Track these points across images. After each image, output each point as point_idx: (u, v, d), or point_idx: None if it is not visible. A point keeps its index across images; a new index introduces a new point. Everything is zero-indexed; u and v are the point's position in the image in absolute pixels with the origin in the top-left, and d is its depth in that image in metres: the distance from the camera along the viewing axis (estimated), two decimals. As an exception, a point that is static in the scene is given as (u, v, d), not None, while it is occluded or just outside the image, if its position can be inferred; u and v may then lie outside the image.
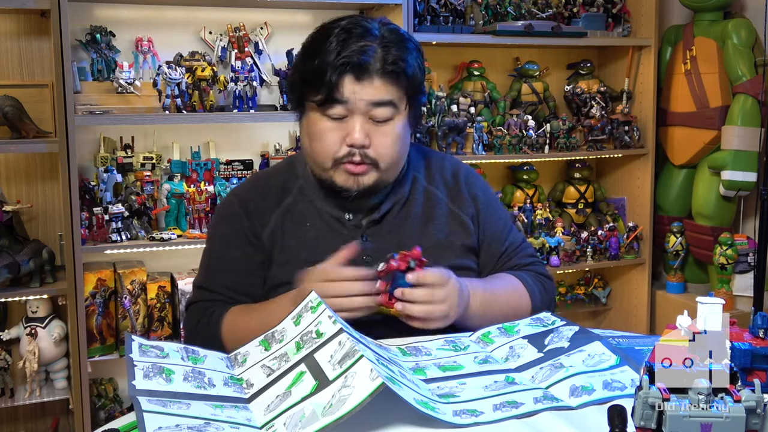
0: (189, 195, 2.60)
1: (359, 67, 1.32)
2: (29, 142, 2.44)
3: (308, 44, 1.42)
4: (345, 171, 1.37)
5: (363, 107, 1.34)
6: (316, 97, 1.35)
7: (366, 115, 1.35)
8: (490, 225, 1.52)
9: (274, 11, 2.85)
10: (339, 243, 1.35)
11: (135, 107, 2.56)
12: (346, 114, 1.35)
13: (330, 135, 1.35)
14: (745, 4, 3.22)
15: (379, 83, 1.34)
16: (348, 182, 1.38)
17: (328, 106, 1.34)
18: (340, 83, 1.32)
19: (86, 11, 2.62)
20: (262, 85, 2.77)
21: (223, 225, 1.50)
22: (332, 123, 1.35)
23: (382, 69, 1.33)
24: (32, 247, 2.44)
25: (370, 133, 1.35)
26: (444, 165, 1.56)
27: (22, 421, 2.69)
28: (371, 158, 1.36)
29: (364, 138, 1.34)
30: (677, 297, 3.30)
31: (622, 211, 3.43)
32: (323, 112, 1.35)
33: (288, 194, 1.47)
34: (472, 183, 1.55)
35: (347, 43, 1.33)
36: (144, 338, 1.09)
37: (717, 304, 0.81)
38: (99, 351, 2.54)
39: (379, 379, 0.89)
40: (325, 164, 1.38)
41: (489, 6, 3.04)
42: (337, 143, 1.35)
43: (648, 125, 3.29)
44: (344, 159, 1.36)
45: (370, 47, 1.34)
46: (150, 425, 0.86)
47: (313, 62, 1.35)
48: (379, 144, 1.36)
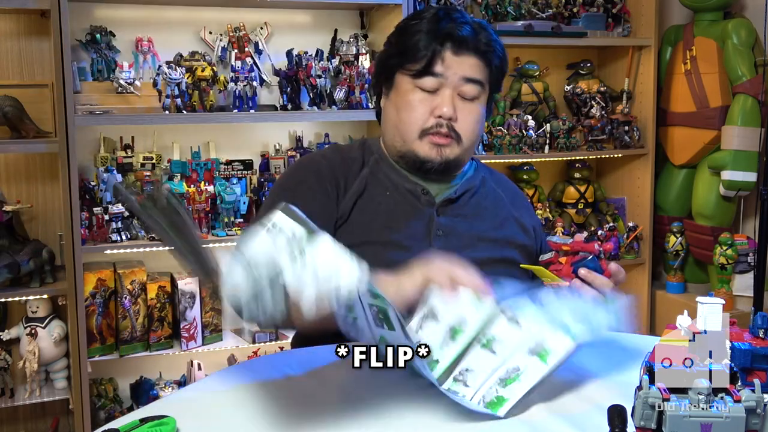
0: (189, 195, 2.60)
1: (460, 40, 1.41)
2: (29, 142, 2.44)
3: (405, 22, 1.50)
4: (430, 142, 1.44)
5: (455, 81, 1.42)
6: (413, 67, 1.42)
7: (455, 90, 1.43)
8: (540, 234, 1.61)
9: (274, 11, 2.85)
10: (415, 214, 1.45)
11: (135, 107, 2.56)
12: (438, 87, 1.42)
13: (420, 106, 1.43)
14: (745, 4, 3.22)
15: (474, 61, 1.43)
16: (431, 153, 1.44)
17: (423, 77, 1.42)
18: (438, 55, 1.41)
19: (86, 11, 2.62)
20: (262, 85, 2.77)
21: (306, 176, 1.49)
22: (423, 95, 1.43)
23: (477, 47, 1.42)
24: (32, 247, 2.45)
25: (457, 108, 1.43)
26: (503, 178, 1.67)
27: (22, 421, 2.69)
28: (456, 132, 1.44)
29: (453, 110, 1.42)
30: (677, 297, 3.30)
31: (622, 211, 3.43)
32: (416, 83, 1.43)
33: (366, 166, 1.52)
34: (532, 213, 1.66)
35: (447, 19, 1.42)
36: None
37: (717, 304, 0.81)
38: (99, 351, 2.54)
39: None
40: (412, 134, 1.44)
41: (489, 6, 3.04)
42: (426, 114, 1.43)
43: (648, 125, 3.29)
44: (431, 130, 1.43)
45: (469, 24, 1.43)
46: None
47: (412, 36, 1.43)
48: (464, 120, 1.44)
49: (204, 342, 2.67)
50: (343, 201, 1.45)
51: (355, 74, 2.75)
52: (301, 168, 1.54)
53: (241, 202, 2.66)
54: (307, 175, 1.49)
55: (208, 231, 2.61)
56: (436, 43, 1.40)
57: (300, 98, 2.74)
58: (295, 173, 1.54)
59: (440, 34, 1.41)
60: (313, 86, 2.72)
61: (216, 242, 2.57)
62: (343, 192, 1.46)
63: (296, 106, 2.72)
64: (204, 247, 1.03)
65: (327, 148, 1.63)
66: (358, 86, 2.74)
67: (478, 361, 1.08)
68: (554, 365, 1.02)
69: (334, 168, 1.49)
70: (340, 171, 1.49)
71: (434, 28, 1.41)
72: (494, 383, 1.03)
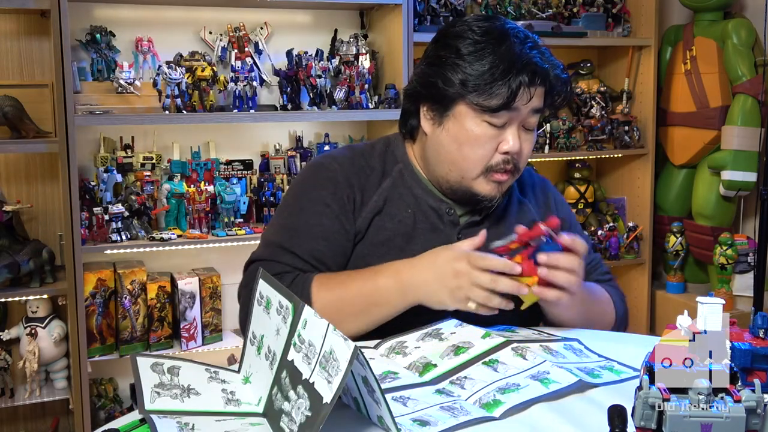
0: (189, 195, 2.60)
1: (538, 72, 1.28)
2: (29, 142, 2.44)
3: (474, 44, 1.30)
4: (492, 180, 1.33)
5: (525, 114, 1.31)
6: (487, 103, 1.27)
7: (522, 123, 1.32)
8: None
9: (274, 11, 2.85)
10: (435, 235, 1.36)
11: (135, 107, 2.56)
12: (507, 121, 1.30)
13: (489, 143, 1.31)
14: (745, 4, 3.22)
15: (541, 90, 1.31)
16: (492, 191, 1.35)
17: (496, 114, 1.28)
18: (519, 91, 1.26)
19: (86, 11, 2.62)
20: (262, 85, 2.77)
21: (321, 188, 1.38)
22: (492, 130, 1.30)
23: (549, 77, 1.30)
24: (32, 247, 2.44)
25: (520, 139, 1.32)
26: (533, 179, 1.56)
27: (22, 421, 2.69)
28: (517, 165, 1.34)
29: (520, 145, 1.32)
30: (677, 297, 3.30)
31: (622, 211, 3.43)
32: (484, 118, 1.29)
33: (387, 177, 1.41)
34: (559, 202, 1.56)
35: (524, 48, 1.29)
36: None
37: (717, 304, 0.81)
38: (99, 351, 2.53)
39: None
40: (474, 172, 1.33)
41: (489, 6, 3.04)
42: (492, 150, 1.31)
43: (648, 125, 3.29)
44: (496, 167, 1.32)
45: (543, 53, 1.31)
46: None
47: (483, 63, 1.27)
48: (525, 151, 1.34)
49: (204, 342, 2.67)
50: (360, 217, 1.37)
51: (355, 74, 2.75)
52: (318, 179, 1.40)
53: (241, 202, 2.66)
54: (324, 190, 1.38)
55: (208, 231, 2.61)
56: (515, 77, 1.26)
57: (300, 98, 2.74)
58: (311, 185, 1.41)
59: (519, 66, 1.26)
60: (313, 86, 2.72)
61: (216, 242, 2.57)
62: (360, 206, 1.38)
63: (296, 106, 2.72)
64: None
65: (344, 152, 1.46)
66: (358, 86, 2.74)
67: (478, 373, 1.08)
68: (555, 390, 1.02)
69: (350, 178, 1.39)
70: (357, 182, 1.39)
71: (512, 58, 1.26)
72: (492, 390, 1.03)
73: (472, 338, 1.17)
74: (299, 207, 1.39)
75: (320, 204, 1.37)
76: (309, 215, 1.37)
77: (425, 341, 1.20)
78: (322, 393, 0.84)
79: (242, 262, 1.42)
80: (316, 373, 0.86)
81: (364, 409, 0.94)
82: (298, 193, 1.42)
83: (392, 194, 1.39)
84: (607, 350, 1.21)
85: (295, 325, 0.93)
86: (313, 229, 1.36)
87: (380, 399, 0.88)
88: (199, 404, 0.97)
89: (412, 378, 1.08)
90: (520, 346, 1.13)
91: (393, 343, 1.22)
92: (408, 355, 1.17)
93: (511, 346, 1.13)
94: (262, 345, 1.02)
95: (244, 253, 1.50)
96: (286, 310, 0.96)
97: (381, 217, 1.38)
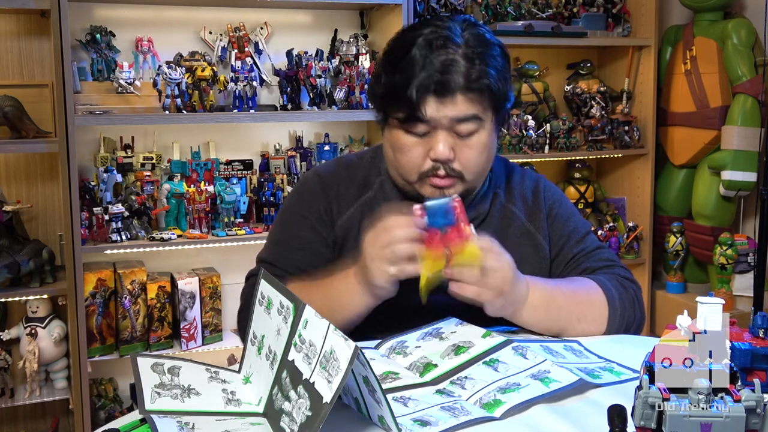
0: (189, 195, 2.60)
1: (442, 86, 1.26)
2: (29, 142, 2.44)
3: (389, 55, 1.35)
4: (430, 184, 1.33)
5: (446, 123, 1.29)
6: (397, 115, 1.31)
7: (450, 130, 1.30)
8: (559, 231, 1.49)
9: (274, 11, 2.85)
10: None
11: (135, 107, 2.56)
12: (429, 130, 1.30)
13: (414, 150, 1.32)
14: (745, 4, 3.22)
15: (462, 100, 1.28)
16: (435, 195, 1.33)
17: (411, 124, 1.30)
18: (422, 103, 1.27)
19: (86, 11, 2.62)
20: (262, 85, 2.77)
21: (299, 202, 1.46)
22: (415, 138, 1.31)
23: (465, 86, 1.27)
24: (32, 247, 2.45)
25: (454, 146, 1.31)
26: (525, 182, 1.54)
27: (22, 421, 2.69)
28: (457, 171, 1.32)
29: (449, 152, 1.30)
30: (677, 297, 3.30)
31: (622, 211, 3.43)
32: (406, 128, 1.31)
33: (369, 189, 1.45)
34: (550, 196, 1.53)
35: (429, 58, 1.28)
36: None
37: (717, 304, 0.81)
38: (99, 351, 2.54)
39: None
40: (411, 177, 1.35)
41: (489, 6, 3.04)
42: (421, 157, 1.32)
43: (648, 125, 3.29)
44: (429, 173, 1.32)
45: (452, 61, 1.28)
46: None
47: (393, 78, 1.30)
48: (464, 157, 1.32)
49: (204, 342, 2.67)
50: (336, 225, 1.42)
51: (355, 74, 2.75)
52: (298, 195, 1.49)
53: (241, 202, 2.66)
54: (301, 203, 1.45)
55: (208, 231, 2.61)
56: (416, 93, 1.26)
57: (300, 98, 2.74)
58: (292, 201, 1.49)
59: (420, 82, 1.26)
60: (313, 86, 2.72)
61: (216, 242, 2.57)
62: (336, 216, 1.42)
63: (296, 106, 2.73)
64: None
65: (331, 164, 1.52)
66: (358, 86, 2.74)
67: (479, 373, 1.08)
68: (555, 389, 1.02)
69: (327, 190, 1.44)
70: (333, 193, 1.43)
71: (414, 74, 1.27)
72: (493, 390, 1.03)
73: (473, 338, 1.18)
74: (282, 223, 1.48)
75: (298, 217, 1.44)
76: (291, 229, 1.45)
77: (426, 341, 1.20)
78: (322, 393, 0.84)
79: (242, 262, 1.43)
80: (316, 373, 0.87)
81: (365, 409, 0.94)
82: (283, 211, 1.52)
83: (372, 205, 1.42)
84: (607, 352, 1.21)
85: (296, 325, 0.94)
86: (292, 241, 1.43)
87: (381, 399, 0.88)
88: (200, 404, 0.97)
89: (413, 378, 1.09)
90: (521, 345, 1.14)
91: (393, 343, 1.22)
92: (409, 355, 1.17)
93: (512, 345, 1.14)
94: (262, 345, 1.02)
95: (244, 253, 1.51)
96: (286, 310, 0.96)
97: (358, 230, 1.38)
